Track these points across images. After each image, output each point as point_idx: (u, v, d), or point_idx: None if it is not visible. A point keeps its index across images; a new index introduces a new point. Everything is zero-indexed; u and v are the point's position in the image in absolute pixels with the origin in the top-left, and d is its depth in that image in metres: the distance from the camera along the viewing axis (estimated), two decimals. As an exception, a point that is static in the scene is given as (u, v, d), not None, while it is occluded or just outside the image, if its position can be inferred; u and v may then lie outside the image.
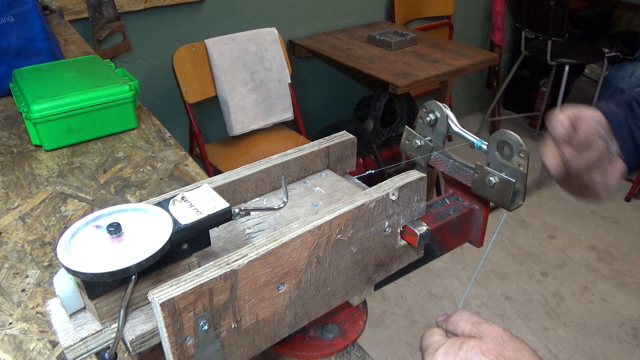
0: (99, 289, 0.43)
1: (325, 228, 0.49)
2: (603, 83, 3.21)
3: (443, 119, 0.67)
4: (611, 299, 2.34)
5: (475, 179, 0.64)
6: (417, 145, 0.71)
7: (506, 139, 0.59)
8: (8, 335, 0.67)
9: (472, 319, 0.54)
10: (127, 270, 0.41)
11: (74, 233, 0.44)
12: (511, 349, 0.49)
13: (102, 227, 0.44)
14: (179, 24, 2.35)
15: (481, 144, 0.63)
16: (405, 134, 0.72)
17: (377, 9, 2.97)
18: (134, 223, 0.46)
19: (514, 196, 0.61)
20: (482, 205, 0.71)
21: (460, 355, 0.50)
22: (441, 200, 0.73)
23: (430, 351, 0.53)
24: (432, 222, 0.68)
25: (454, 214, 0.70)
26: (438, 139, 0.68)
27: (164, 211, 0.46)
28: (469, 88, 3.77)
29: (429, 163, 0.70)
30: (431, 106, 0.67)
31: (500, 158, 0.61)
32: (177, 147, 1.11)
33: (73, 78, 1.16)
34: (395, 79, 2.14)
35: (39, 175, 1.01)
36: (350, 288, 0.56)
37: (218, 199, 0.49)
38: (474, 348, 0.50)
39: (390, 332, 2.17)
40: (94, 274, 0.40)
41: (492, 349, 0.49)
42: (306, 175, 0.68)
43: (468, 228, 0.73)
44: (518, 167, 0.59)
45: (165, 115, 2.36)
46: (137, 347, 0.44)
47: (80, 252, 0.42)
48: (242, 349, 0.48)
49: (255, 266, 0.45)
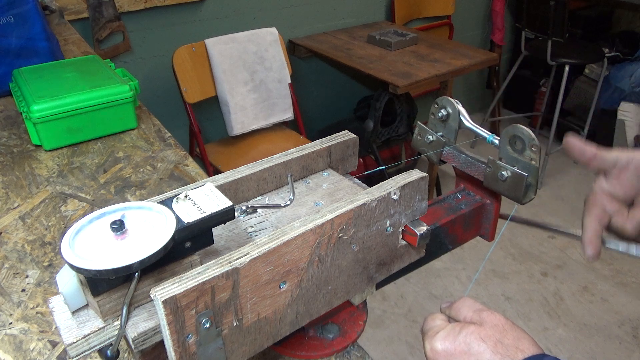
0: (102, 286, 0.43)
1: (327, 227, 0.49)
2: (603, 83, 3.21)
3: (455, 114, 0.67)
4: (611, 299, 2.34)
5: (487, 173, 0.65)
6: (429, 141, 0.71)
7: (518, 134, 0.60)
8: (8, 335, 0.67)
9: (474, 306, 0.54)
10: (130, 267, 0.41)
11: (78, 230, 0.44)
12: (511, 337, 0.50)
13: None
14: (179, 24, 2.35)
15: (493, 138, 0.64)
16: (417, 129, 0.73)
17: (377, 9, 2.97)
18: (137, 221, 0.46)
19: (526, 190, 0.61)
20: (494, 199, 0.72)
21: (460, 340, 0.50)
22: (453, 195, 0.74)
23: (430, 334, 0.53)
24: (444, 216, 0.69)
25: (466, 208, 0.71)
26: (450, 134, 0.69)
27: (167, 209, 0.46)
28: (469, 88, 3.78)
29: (441, 158, 0.71)
30: (443, 102, 0.68)
31: (512, 152, 0.61)
32: (177, 147, 1.10)
33: (73, 78, 1.16)
34: (395, 79, 2.15)
35: (39, 175, 1.01)
36: (352, 287, 0.56)
37: (221, 197, 0.49)
38: (473, 333, 0.50)
39: (390, 332, 2.17)
40: (98, 270, 0.40)
41: (492, 335, 0.50)
42: (308, 175, 0.68)
43: (480, 222, 0.74)
44: (530, 161, 0.60)
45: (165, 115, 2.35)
46: (139, 345, 0.44)
47: (84, 249, 0.42)
48: (244, 347, 0.48)
49: (257, 264, 0.45)
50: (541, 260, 2.57)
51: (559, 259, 2.58)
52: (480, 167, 0.66)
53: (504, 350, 0.48)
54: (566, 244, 2.67)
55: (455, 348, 0.50)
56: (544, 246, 2.66)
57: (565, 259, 2.58)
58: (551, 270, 2.50)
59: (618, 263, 2.54)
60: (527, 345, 0.49)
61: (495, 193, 0.70)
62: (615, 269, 2.51)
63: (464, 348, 0.50)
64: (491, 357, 0.48)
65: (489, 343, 0.49)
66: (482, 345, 0.49)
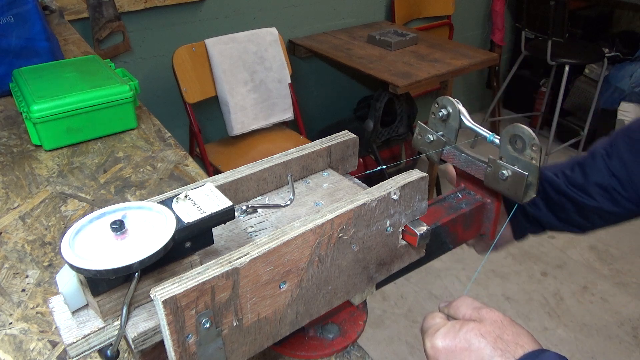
0: (102, 286, 0.43)
1: (326, 227, 0.49)
2: (603, 83, 3.21)
3: (455, 114, 0.68)
4: (611, 299, 2.34)
5: (488, 172, 0.65)
6: (430, 141, 0.71)
7: (519, 133, 0.60)
8: (8, 335, 0.67)
9: (473, 304, 0.55)
10: (130, 267, 0.41)
11: (78, 230, 0.44)
12: (510, 333, 0.50)
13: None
14: (179, 24, 2.35)
15: (493, 138, 0.64)
16: (417, 129, 0.73)
17: (377, 8, 2.97)
18: (137, 221, 0.46)
19: (526, 189, 0.61)
20: (494, 198, 0.72)
21: (460, 336, 0.51)
22: (454, 194, 0.74)
23: (431, 332, 0.54)
24: (445, 215, 0.69)
25: (467, 207, 0.71)
26: (450, 134, 0.69)
27: (167, 209, 0.46)
28: (469, 88, 3.78)
29: (442, 157, 0.71)
30: (443, 101, 0.68)
31: (513, 152, 0.62)
32: (177, 147, 1.10)
33: (73, 78, 1.16)
34: (395, 79, 2.15)
35: (39, 175, 1.01)
36: (352, 287, 0.56)
37: (221, 197, 0.49)
38: (473, 330, 0.51)
39: (390, 332, 2.17)
40: (98, 270, 0.40)
41: (491, 331, 0.50)
42: (308, 175, 0.68)
43: (480, 221, 0.74)
44: (530, 160, 0.60)
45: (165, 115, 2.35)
46: (139, 345, 0.44)
47: (84, 249, 0.42)
48: (244, 347, 0.48)
49: (257, 264, 0.45)
50: (541, 260, 2.57)
51: (559, 259, 2.58)
52: (481, 166, 0.66)
53: (504, 345, 0.49)
54: (566, 244, 2.67)
55: (456, 345, 0.50)
56: (544, 246, 2.66)
57: (565, 258, 2.58)
58: (551, 270, 2.50)
59: (618, 263, 2.54)
60: (526, 340, 0.49)
61: (496, 192, 0.70)
62: (615, 269, 2.51)
63: (465, 344, 0.50)
64: (491, 352, 0.48)
65: (489, 339, 0.49)
66: (482, 341, 0.49)
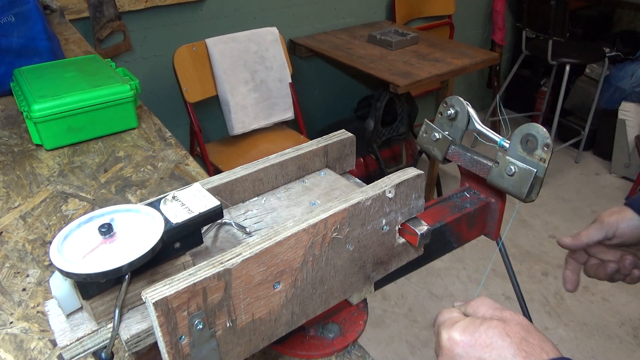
0: (93, 289, 0.43)
1: (320, 226, 0.49)
2: (604, 83, 3.21)
3: (463, 114, 0.68)
4: (612, 298, 2.34)
5: (493, 169, 0.65)
6: (435, 139, 0.71)
7: (533, 132, 0.60)
8: (9, 335, 0.67)
9: (494, 305, 0.53)
10: (120, 270, 0.41)
11: (66, 235, 0.44)
12: (536, 338, 0.49)
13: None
14: (179, 24, 2.35)
15: (504, 142, 0.64)
16: (424, 127, 0.73)
17: (377, 8, 2.97)
18: (126, 223, 0.46)
19: (532, 187, 0.61)
20: (498, 198, 0.72)
21: (481, 332, 0.49)
22: (458, 194, 0.74)
23: (448, 324, 0.52)
24: (449, 215, 0.69)
25: (471, 207, 0.71)
26: (456, 133, 0.69)
27: (155, 211, 0.47)
28: (469, 88, 3.77)
29: (446, 157, 0.71)
30: (452, 101, 0.69)
31: (522, 152, 0.61)
32: (178, 147, 1.11)
33: (74, 77, 1.16)
34: (396, 78, 2.14)
35: (39, 174, 1.01)
36: (349, 286, 0.56)
37: (209, 197, 0.49)
38: (497, 327, 0.49)
39: (391, 332, 2.17)
40: (87, 274, 0.40)
41: (518, 332, 0.49)
42: (305, 174, 0.68)
43: (484, 221, 0.74)
44: (539, 161, 0.60)
45: (166, 115, 2.36)
46: (133, 347, 0.44)
47: (73, 254, 0.42)
48: (239, 348, 0.48)
49: (250, 265, 0.45)
50: (542, 260, 2.57)
51: (559, 259, 2.57)
52: (486, 166, 0.66)
53: (529, 348, 0.47)
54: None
55: (476, 340, 0.49)
56: (544, 246, 2.66)
57: (566, 258, 2.57)
58: (552, 270, 2.50)
59: (619, 263, 2.54)
60: (550, 347, 0.48)
61: (500, 192, 0.70)
62: (616, 269, 2.50)
63: (486, 341, 0.49)
64: (515, 352, 0.47)
65: (514, 339, 0.48)
66: (506, 340, 0.48)
